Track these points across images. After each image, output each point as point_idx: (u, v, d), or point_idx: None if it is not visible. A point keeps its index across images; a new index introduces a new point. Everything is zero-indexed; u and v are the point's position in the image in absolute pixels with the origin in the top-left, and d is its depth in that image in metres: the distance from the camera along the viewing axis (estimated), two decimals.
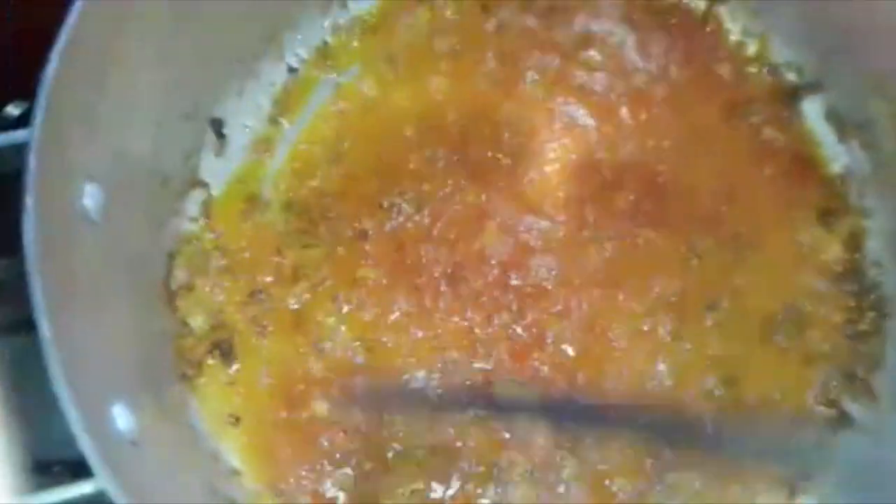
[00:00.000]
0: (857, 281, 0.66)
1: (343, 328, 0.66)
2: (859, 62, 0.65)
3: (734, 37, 0.73)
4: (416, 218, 0.68)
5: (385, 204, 0.68)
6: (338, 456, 0.63)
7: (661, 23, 0.72)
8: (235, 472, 0.62)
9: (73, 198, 0.52)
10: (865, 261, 0.67)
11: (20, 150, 0.49)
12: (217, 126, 0.69)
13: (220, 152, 0.70)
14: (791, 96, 0.71)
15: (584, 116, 0.71)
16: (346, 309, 0.66)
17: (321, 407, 0.64)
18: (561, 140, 0.70)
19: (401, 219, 0.68)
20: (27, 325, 0.52)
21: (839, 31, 0.66)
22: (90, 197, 0.53)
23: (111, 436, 0.48)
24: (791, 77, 0.71)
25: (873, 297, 0.65)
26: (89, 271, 0.54)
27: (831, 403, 0.63)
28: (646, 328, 0.65)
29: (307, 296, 0.67)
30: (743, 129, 0.71)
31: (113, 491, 0.43)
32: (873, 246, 0.67)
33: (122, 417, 0.49)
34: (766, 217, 0.68)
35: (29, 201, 0.46)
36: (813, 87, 0.70)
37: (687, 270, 0.67)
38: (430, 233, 0.68)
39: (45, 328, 0.46)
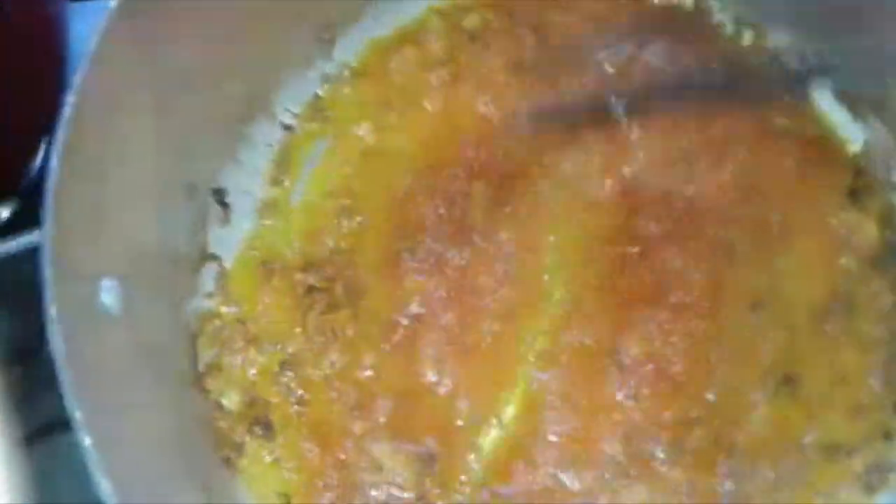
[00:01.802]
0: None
1: (379, 387, 0.63)
2: (866, 41, 0.64)
3: (728, 29, 0.72)
4: (438, 264, 0.66)
5: (402, 253, 0.66)
6: None
7: (653, 27, 0.71)
8: None
9: (92, 297, 0.50)
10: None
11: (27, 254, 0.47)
12: (220, 196, 0.67)
13: (226, 222, 0.67)
14: (796, 83, 0.69)
15: (591, 138, 0.69)
16: (380, 367, 0.64)
17: (372, 469, 0.62)
18: (570, 164, 0.68)
19: (421, 266, 0.66)
20: (47, 433, 0.50)
21: (838, 12, 0.64)
22: (108, 292, 0.51)
23: None
24: (793, 63, 0.69)
25: None
26: (117, 368, 0.52)
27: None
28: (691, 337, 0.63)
29: (338, 358, 0.64)
30: (754, 123, 0.69)
31: None
32: None
33: None
34: (795, 207, 0.66)
35: (52, 311, 0.44)
36: (818, 72, 0.68)
37: (723, 273, 0.64)
38: (454, 278, 0.65)
39: (84, 435, 0.44)
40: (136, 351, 0.55)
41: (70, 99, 0.47)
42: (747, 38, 0.71)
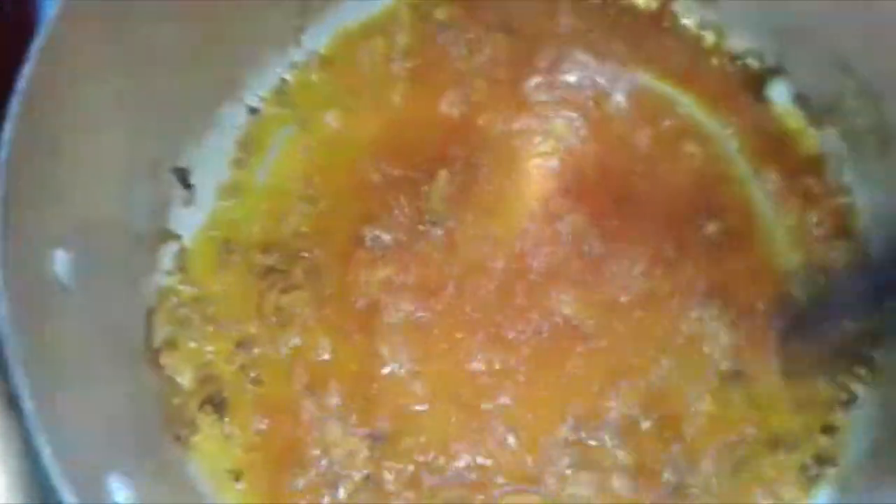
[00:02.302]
0: (846, 261, 0.66)
1: (334, 370, 0.64)
2: (820, 43, 0.65)
3: (691, 30, 0.73)
4: (399, 251, 0.66)
5: (364, 238, 0.67)
6: (345, 499, 0.61)
7: (617, 28, 0.72)
8: None
9: (44, 267, 0.50)
10: (852, 240, 0.66)
11: None
12: (182, 176, 0.68)
13: (188, 202, 0.68)
14: (756, 83, 0.70)
15: (556, 127, 0.70)
16: (337, 350, 0.64)
17: (322, 450, 0.62)
18: (533, 156, 0.69)
19: (382, 252, 0.66)
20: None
21: (795, 14, 0.66)
22: (61, 264, 0.51)
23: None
24: (752, 64, 0.71)
25: (864, 276, 0.65)
26: (69, 340, 0.52)
27: (838, 385, 0.63)
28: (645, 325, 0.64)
29: (296, 340, 0.65)
30: (715, 121, 0.70)
31: None
32: (860, 222, 0.66)
33: (120, 490, 0.47)
34: (751, 202, 0.68)
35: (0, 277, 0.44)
36: (775, 72, 0.70)
37: (677, 269, 0.66)
38: (413, 265, 0.66)
39: (27, 404, 0.44)
40: (90, 324, 0.55)
41: (26, 68, 0.47)
42: (709, 39, 0.73)
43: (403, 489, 0.61)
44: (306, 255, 0.67)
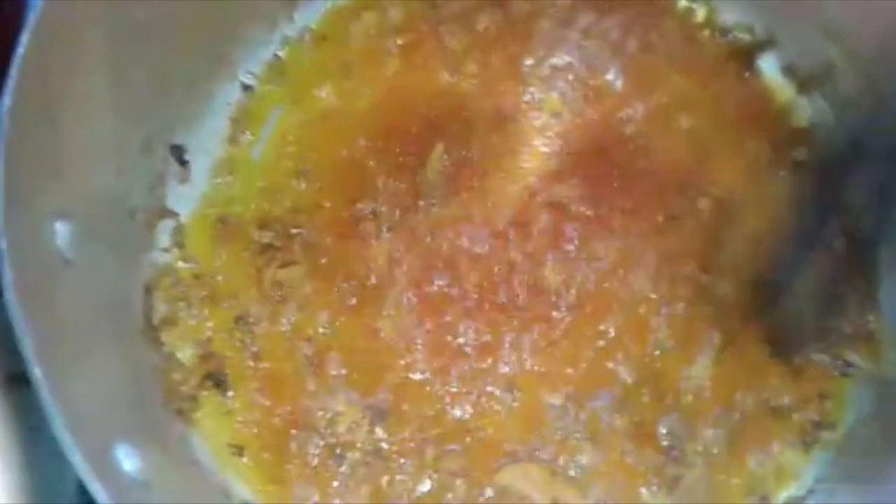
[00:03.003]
0: (839, 230, 0.67)
1: (334, 343, 0.64)
2: (808, 11, 0.66)
3: (682, 5, 0.74)
4: (394, 226, 0.67)
5: (360, 214, 0.67)
6: (348, 471, 0.61)
7: (611, 4, 0.72)
8: None
9: (46, 239, 0.50)
10: (846, 207, 0.67)
11: None
12: (178, 153, 0.67)
13: (184, 179, 0.68)
14: (746, 56, 0.71)
15: (550, 103, 0.70)
16: (336, 323, 0.65)
17: (325, 423, 0.63)
18: (527, 130, 0.70)
19: (377, 227, 0.67)
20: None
21: None
22: (63, 236, 0.51)
23: (119, 478, 0.46)
24: (743, 37, 0.72)
25: (855, 247, 0.66)
26: (72, 313, 0.52)
27: (833, 354, 0.64)
28: (638, 296, 0.65)
29: (294, 315, 0.65)
30: (706, 95, 0.71)
31: None
32: (851, 194, 0.67)
33: (127, 459, 0.47)
34: (741, 175, 0.69)
35: (3, 244, 0.44)
36: (765, 45, 0.71)
37: (668, 237, 0.66)
38: (409, 239, 0.66)
39: (36, 373, 0.44)
40: (91, 298, 0.55)
41: (22, 45, 0.47)
42: (700, 14, 0.73)
43: (406, 459, 0.62)
44: (302, 230, 0.67)
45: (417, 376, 0.64)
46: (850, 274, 0.65)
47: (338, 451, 0.62)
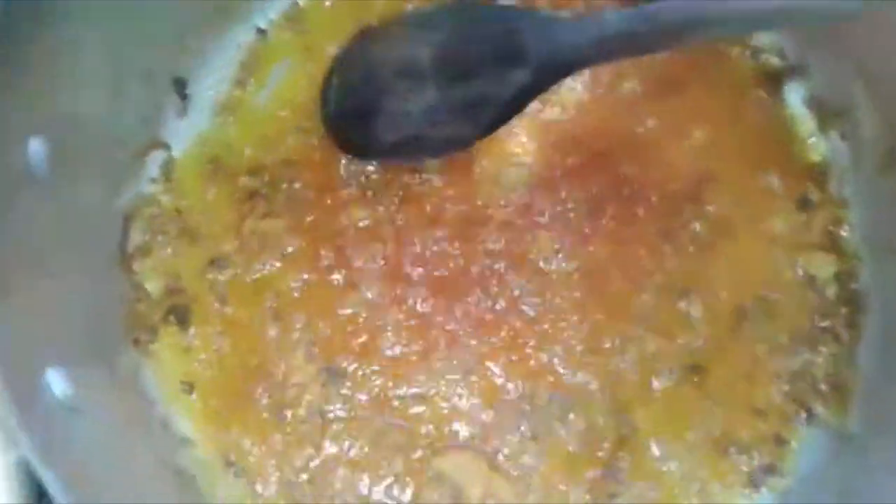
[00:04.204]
0: (832, 274, 0.64)
1: (302, 302, 0.64)
2: (840, 46, 0.63)
3: None
4: (382, 192, 0.66)
5: (351, 176, 0.66)
6: (291, 429, 0.62)
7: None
8: (187, 442, 0.61)
9: (15, 152, 0.50)
10: (842, 254, 0.65)
11: None
12: (180, 87, 0.67)
13: (182, 114, 0.68)
14: (773, 80, 0.69)
15: (561, 97, 0.68)
16: (309, 283, 0.64)
17: (279, 377, 0.63)
18: (533, 119, 0.68)
19: (366, 192, 0.66)
20: None
21: None
22: (35, 153, 0.51)
23: (43, 401, 0.46)
24: (773, 61, 0.69)
25: (848, 292, 0.64)
26: (33, 229, 0.52)
27: (798, 401, 0.62)
28: (616, 310, 0.64)
29: (269, 266, 0.65)
30: (725, 113, 0.69)
31: (36, 459, 0.41)
32: (851, 238, 0.65)
33: (57, 383, 0.47)
34: (744, 203, 0.66)
35: None
36: (795, 72, 0.68)
37: (660, 256, 0.65)
38: (394, 207, 0.66)
39: None
40: (61, 219, 0.55)
41: None
42: None
43: (350, 425, 0.62)
44: (292, 184, 0.66)
45: (380, 349, 0.63)
46: (834, 321, 0.63)
47: (285, 406, 0.62)
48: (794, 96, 0.68)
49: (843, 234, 0.65)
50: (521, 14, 0.58)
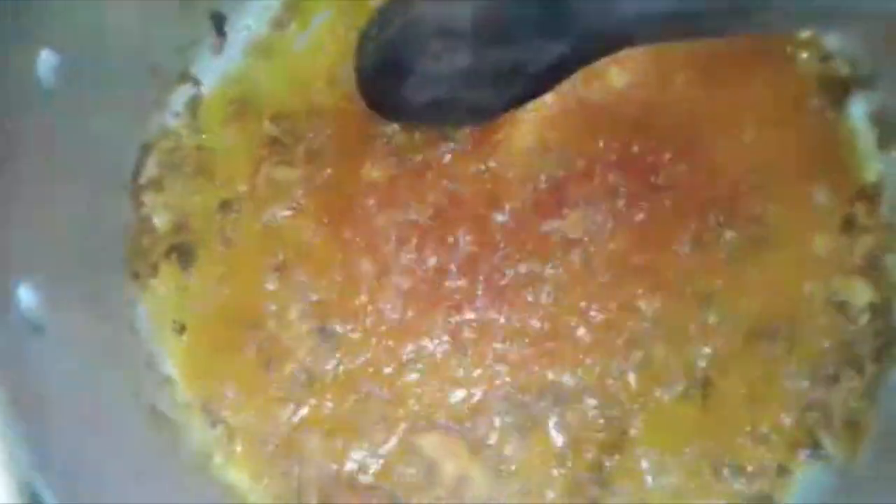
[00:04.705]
0: (867, 303, 0.60)
1: (307, 255, 0.62)
2: None
3: None
4: (403, 156, 0.64)
5: (375, 136, 0.64)
6: (276, 384, 0.60)
7: None
8: (168, 381, 0.60)
9: (26, 65, 0.49)
10: (881, 283, 0.60)
11: None
12: (218, 21, 0.66)
13: (217, 50, 0.66)
14: (839, 88, 0.64)
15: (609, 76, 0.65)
16: (316, 238, 0.63)
17: (271, 330, 0.61)
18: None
19: (387, 153, 0.64)
20: None
21: None
22: (46, 66, 0.50)
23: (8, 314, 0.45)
24: (843, 69, 0.64)
25: (881, 322, 0.59)
26: (45, 144, 0.51)
27: (808, 431, 0.58)
28: (627, 310, 0.60)
29: (279, 215, 0.63)
30: (785, 115, 0.64)
31: None
32: (894, 269, 0.60)
33: (27, 298, 0.46)
34: (786, 214, 0.62)
35: None
36: (864, 83, 0.63)
37: (686, 258, 0.61)
38: (412, 174, 0.63)
39: None
40: (74, 136, 0.55)
41: None
42: (805, 31, 0.65)
43: (334, 389, 0.60)
44: (314, 135, 0.65)
45: (376, 317, 0.61)
46: (861, 352, 0.59)
47: (273, 360, 0.61)
48: (858, 109, 0.63)
49: (887, 262, 0.60)
50: None
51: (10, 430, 0.42)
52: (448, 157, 0.64)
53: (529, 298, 0.61)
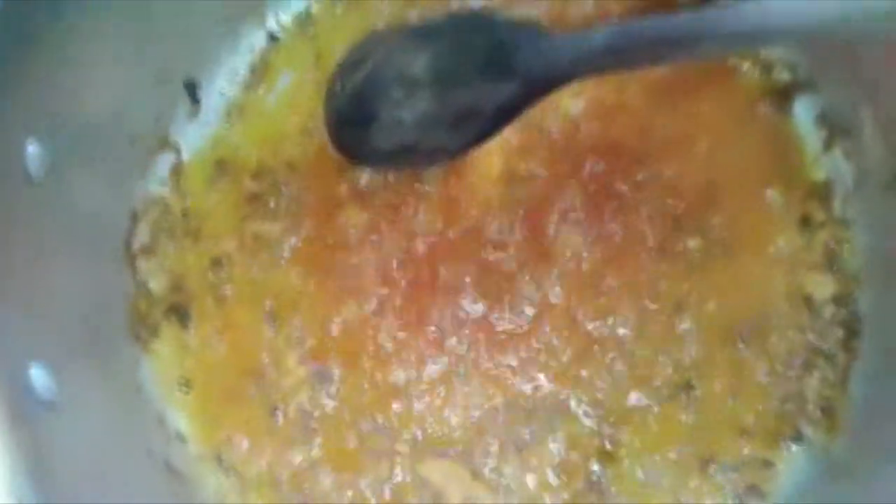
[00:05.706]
0: (830, 295, 0.63)
1: (298, 305, 0.65)
2: (853, 66, 0.62)
3: None
4: (383, 196, 0.67)
5: (352, 181, 0.67)
6: (282, 429, 0.63)
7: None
8: (179, 438, 0.63)
9: (13, 157, 0.52)
10: (841, 275, 0.64)
11: None
12: (192, 89, 0.69)
13: (193, 116, 0.69)
14: (783, 95, 0.67)
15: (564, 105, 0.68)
16: (306, 286, 0.66)
17: (272, 377, 0.64)
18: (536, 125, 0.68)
19: (366, 197, 0.67)
20: None
21: None
22: (33, 154, 0.53)
23: (24, 399, 0.48)
24: (784, 75, 0.68)
25: (845, 314, 0.63)
26: (33, 229, 0.54)
27: (788, 422, 0.61)
28: (607, 323, 0.64)
29: (268, 268, 0.66)
30: (735, 125, 0.68)
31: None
32: (852, 260, 0.64)
33: (40, 380, 0.49)
34: (745, 219, 0.66)
35: None
36: (805, 87, 0.66)
37: (657, 264, 0.64)
38: (396, 214, 0.66)
39: None
40: (64, 217, 0.57)
41: None
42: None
43: (337, 428, 0.63)
44: (293, 187, 0.68)
45: (369, 354, 0.64)
46: (830, 343, 0.62)
47: (276, 406, 0.64)
48: (803, 113, 0.67)
49: (844, 255, 0.64)
50: (514, 27, 0.58)
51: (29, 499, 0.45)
52: (421, 194, 0.67)
53: (513, 322, 0.64)
